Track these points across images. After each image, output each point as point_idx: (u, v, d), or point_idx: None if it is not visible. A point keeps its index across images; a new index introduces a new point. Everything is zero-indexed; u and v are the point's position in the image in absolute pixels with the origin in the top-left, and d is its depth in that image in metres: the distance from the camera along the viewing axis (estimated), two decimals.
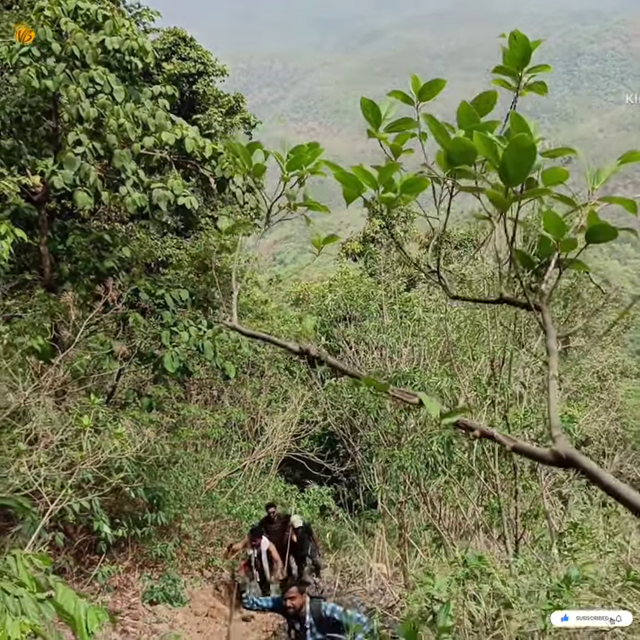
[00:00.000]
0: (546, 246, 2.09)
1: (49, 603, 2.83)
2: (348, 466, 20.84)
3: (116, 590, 11.42)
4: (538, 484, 9.90)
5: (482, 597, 5.54)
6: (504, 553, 9.10)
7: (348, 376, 2.16)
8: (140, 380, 15.39)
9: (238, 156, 2.80)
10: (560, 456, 1.70)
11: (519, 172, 1.85)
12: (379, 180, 2.26)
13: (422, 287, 27.85)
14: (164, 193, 11.54)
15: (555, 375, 1.93)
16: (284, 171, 2.79)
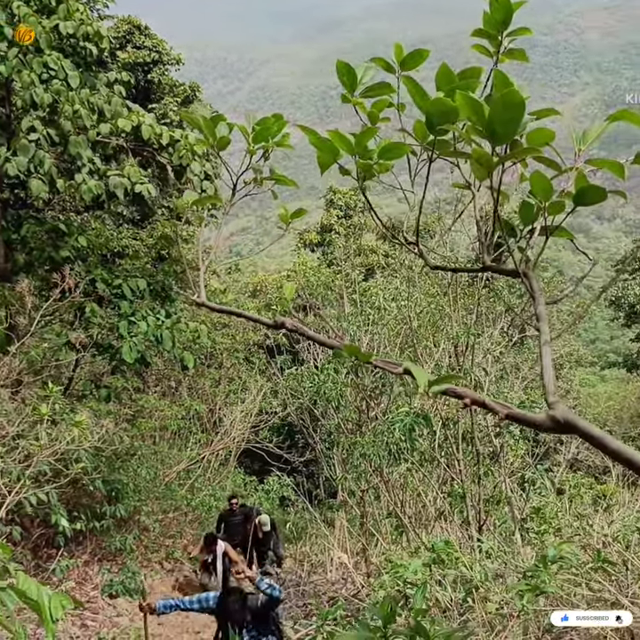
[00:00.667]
0: (528, 212, 2.02)
1: (10, 591, 2.72)
2: (307, 456, 20.83)
3: (74, 584, 11.25)
4: (499, 470, 9.92)
5: (448, 582, 5.51)
6: (467, 539, 9.09)
7: (327, 347, 2.07)
8: (98, 371, 15.21)
9: (201, 129, 2.68)
10: (558, 421, 1.63)
11: (507, 129, 1.77)
12: (356, 145, 2.16)
13: (380, 277, 27.87)
14: (120, 180, 11.36)
15: (547, 341, 1.86)
16: (250, 143, 2.69)
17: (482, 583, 4.91)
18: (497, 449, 10.17)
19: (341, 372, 13.88)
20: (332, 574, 12.73)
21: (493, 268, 2.14)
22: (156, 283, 13.39)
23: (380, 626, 2.41)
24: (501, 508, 10.10)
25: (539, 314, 1.95)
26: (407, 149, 2.21)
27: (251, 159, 2.78)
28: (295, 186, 2.87)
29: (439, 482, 11.19)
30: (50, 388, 7.63)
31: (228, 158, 2.92)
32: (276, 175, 2.82)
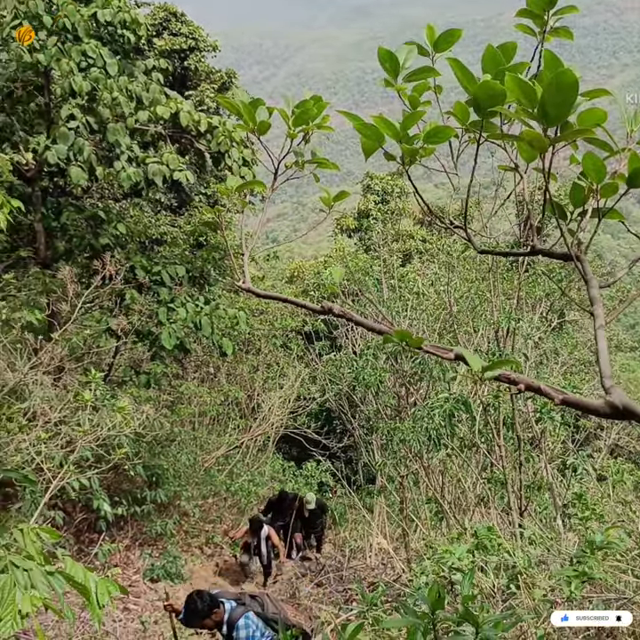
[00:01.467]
0: (579, 195, 1.98)
1: (59, 575, 2.74)
2: (345, 442, 20.81)
3: (117, 568, 11.37)
4: (540, 456, 9.85)
5: (490, 569, 5.49)
6: (508, 525, 9.05)
7: (375, 332, 2.05)
8: (137, 357, 15.31)
9: (240, 114, 2.65)
10: (616, 407, 1.59)
11: (560, 111, 1.73)
12: (401, 130, 2.13)
13: (417, 263, 27.75)
14: (159, 168, 11.39)
15: (602, 325, 1.82)
16: (290, 126, 2.67)
17: (525, 569, 4.89)
18: (537, 435, 10.10)
19: (380, 357, 13.86)
20: (371, 560, 12.73)
21: (544, 252, 2.10)
22: (194, 269, 13.44)
23: (427, 611, 2.40)
24: (542, 495, 10.04)
25: (592, 297, 1.91)
26: (453, 132, 2.18)
27: (291, 143, 2.77)
28: (337, 169, 2.85)
29: (479, 468, 11.14)
30: (92, 374, 7.69)
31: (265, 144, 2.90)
32: (317, 158, 2.80)
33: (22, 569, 2.63)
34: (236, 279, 2.57)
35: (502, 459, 9.45)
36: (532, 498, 9.62)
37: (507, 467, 9.45)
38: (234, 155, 11.90)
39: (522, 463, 9.33)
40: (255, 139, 2.75)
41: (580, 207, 2.04)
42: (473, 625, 2.23)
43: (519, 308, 10.94)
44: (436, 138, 2.18)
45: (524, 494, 9.23)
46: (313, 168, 2.94)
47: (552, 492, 9.19)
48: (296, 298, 12.11)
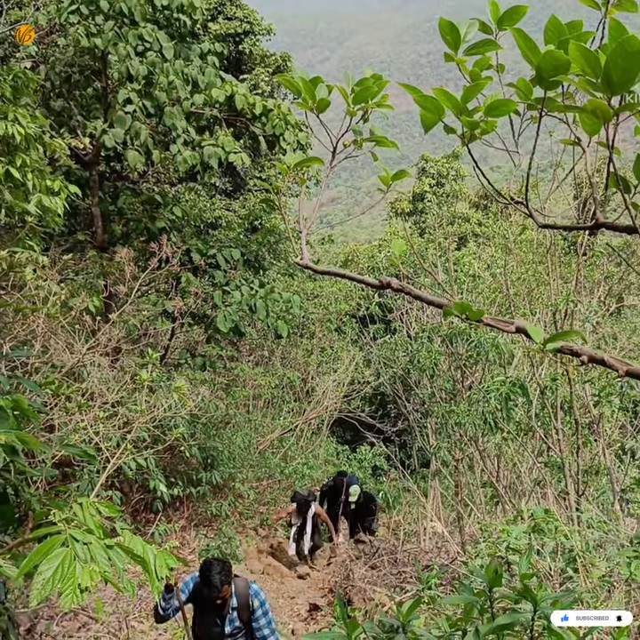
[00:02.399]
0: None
1: (118, 549, 2.77)
2: (400, 426, 20.76)
3: (172, 548, 11.47)
4: (598, 440, 9.73)
5: (546, 552, 5.44)
6: (565, 509, 8.96)
7: (435, 306, 2.02)
8: (193, 340, 15.43)
9: (299, 92, 2.63)
10: None
11: (625, 78, 1.68)
12: (462, 102, 2.09)
13: (473, 246, 27.54)
14: (214, 150, 11.44)
15: None
16: (350, 104, 2.64)
17: (582, 553, 4.84)
18: (595, 419, 9.97)
19: (435, 340, 13.79)
20: (425, 543, 12.70)
21: (607, 225, 2.05)
22: (249, 253, 13.48)
23: (484, 589, 2.38)
24: (600, 479, 9.92)
25: None
26: (515, 106, 2.13)
27: (350, 121, 2.74)
28: (396, 147, 2.82)
29: (535, 452, 11.04)
30: (150, 355, 7.74)
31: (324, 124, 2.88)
32: (376, 137, 2.76)
33: (82, 542, 2.66)
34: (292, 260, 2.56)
35: (559, 442, 9.35)
36: (589, 482, 9.51)
37: (564, 451, 9.35)
38: (288, 138, 11.89)
39: (579, 447, 9.22)
40: (310, 122, 2.73)
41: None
42: (531, 602, 2.21)
43: (577, 291, 10.79)
44: (497, 111, 2.13)
45: (581, 478, 9.12)
46: (371, 147, 2.91)
47: (610, 476, 9.08)
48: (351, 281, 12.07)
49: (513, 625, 2.24)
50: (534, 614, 2.21)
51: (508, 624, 2.25)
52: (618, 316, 23.91)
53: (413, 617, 2.29)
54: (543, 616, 2.20)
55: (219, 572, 5.56)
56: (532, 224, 14.29)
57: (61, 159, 10.24)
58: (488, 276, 15.60)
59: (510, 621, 2.21)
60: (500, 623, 2.20)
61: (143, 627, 8.07)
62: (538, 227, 2.33)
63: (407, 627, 2.27)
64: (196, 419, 11.53)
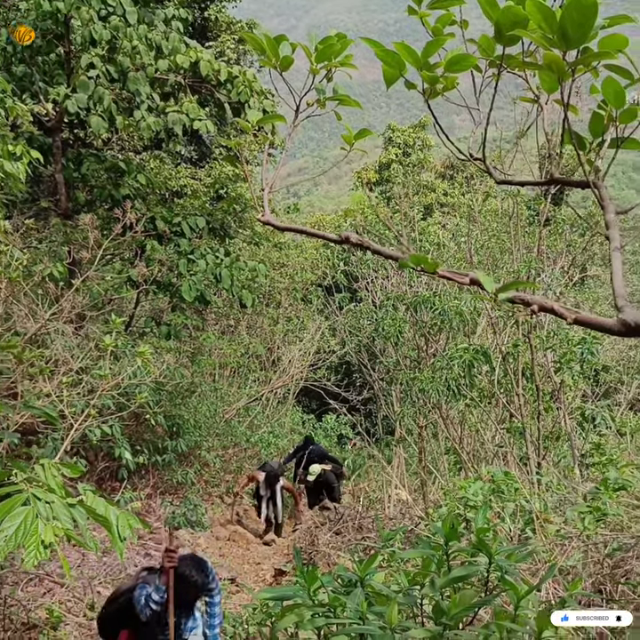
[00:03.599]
0: (598, 124, 1.96)
1: (80, 507, 2.79)
2: (365, 395, 20.89)
3: (138, 516, 11.50)
4: (559, 406, 9.87)
5: (507, 514, 5.53)
6: (526, 474, 9.09)
7: (393, 259, 2.05)
8: (158, 308, 15.38)
9: (263, 49, 2.63)
10: (629, 325, 1.59)
11: (580, 32, 1.71)
12: (422, 56, 2.10)
13: (438, 216, 27.63)
14: (179, 117, 11.35)
15: (617, 247, 1.81)
16: (313, 62, 2.64)
17: (541, 514, 4.92)
18: (556, 386, 10.10)
19: (400, 308, 13.85)
20: (389, 510, 12.82)
21: (562, 180, 2.08)
22: (214, 221, 13.43)
23: (441, 543, 2.43)
24: (560, 445, 10.06)
25: (608, 221, 1.89)
26: (475, 61, 2.15)
27: (313, 79, 2.74)
28: (359, 106, 2.82)
29: (498, 418, 11.17)
30: (113, 320, 7.73)
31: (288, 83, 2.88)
32: (339, 95, 2.77)
33: (44, 501, 2.68)
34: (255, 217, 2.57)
35: (521, 408, 9.47)
36: (550, 448, 9.65)
37: (525, 417, 9.47)
38: (254, 105, 11.82)
39: (540, 413, 9.34)
40: (274, 85, 2.73)
41: (599, 138, 2.02)
42: (486, 555, 2.26)
43: (540, 259, 10.89)
44: (457, 66, 2.15)
45: (542, 444, 9.26)
46: (335, 105, 2.91)
47: (571, 442, 9.22)
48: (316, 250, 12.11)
49: (468, 577, 2.29)
50: (489, 566, 2.26)
51: (463, 576, 2.30)
52: (581, 287, 24.13)
53: (372, 571, 2.34)
54: (498, 568, 2.25)
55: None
56: (495, 191, 14.36)
57: (24, 125, 10.09)
58: (453, 245, 15.68)
59: (466, 573, 2.26)
60: (455, 575, 2.26)
61: (108, 592, 8.09)
62: (495, 182, 2.36)
63: (365, 581, 2.32)
64: (161, 386, 11.51)
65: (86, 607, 7.41)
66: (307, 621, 2.18)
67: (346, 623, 2.16)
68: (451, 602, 2.11)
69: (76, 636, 6.71)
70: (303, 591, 2.24)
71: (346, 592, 2.33)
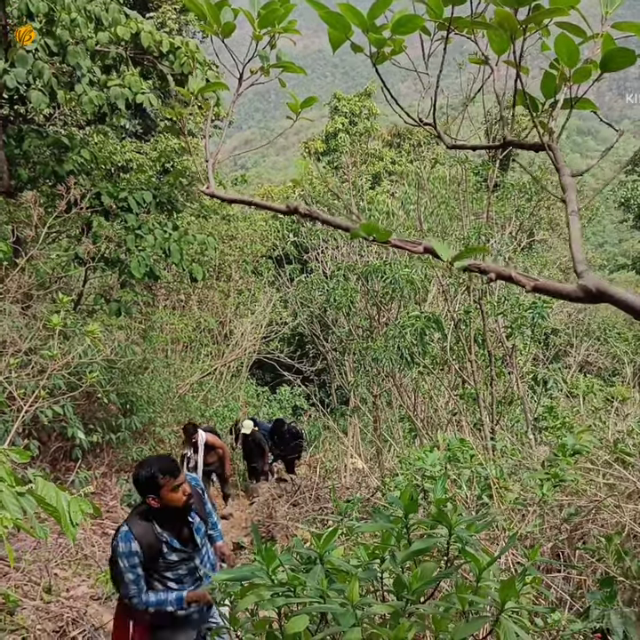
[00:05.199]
0: (551, 84, 1.92)
1: (29, 496, 2.73)
2: (318, 365, 20.95)
3: (94, 495, 11.43)
4: (511, 371, 9.94)
5: (463, 481, 5.56)
6: (481, 440, 9.16)
7: (343, 230, 2.00)
8: (107, 285, 15.19)
9: (204, 15, 2.55)
10: (589, 290, 1.55)
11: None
12: (369, 18, 2.03)
13: (387, 184, 27.64)
14: (121, 91, 11.15)
15: (575, 210, 1.77)
16: (256, 28, 2.57)
17: (497, 480, 4.95)
18: (508, 351, 10.18)
19: (351, 278, 13.84)
20: (346, 479, 12.88)
21: (515, 143, 2.04)
22: (161, 195, 13.26)
23: (400, 516, 2.42)
24: (513, 410, 10.16)
25: (564, 184, 1.85)
26: (422, 22, 2.08)
27: (257, 46, 2.67)
28: (304, 73, 2.76)
29: (451, 385, 11.24)
30: (60, 299, 7.61)
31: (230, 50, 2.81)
32: (283, 62, 2.70)
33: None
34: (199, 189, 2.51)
35: (474, 375, 9.52)
36: (503, 412, 9.73)
37: (478, 382, 9.53)
38: (198, 76, 11.65)
39: (493, 379, 9.41)
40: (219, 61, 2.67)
41: (552, 98, 1.97)
42: (446, 527, 2.25)
43: (489, 225, 10.92)
44: (405, 28, 2.08)
45: (495, 409, 9.33)
46: (279, 73, 2.85)
47: (523, 406, 9.30)
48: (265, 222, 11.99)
49: (429, 549, 2.28)
50: (449, 538, 2.25)
51: (424, 549, 2.29)
52: (529, 251, 24.38)
53: (331, 547, 2.31)
54: (458, 539, 2.24)
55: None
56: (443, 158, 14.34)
57: None
58: (402, 213, 15.67)
59: (426, 546, 2.25)
60: (415, 549, 2.24)
61: (66, 574, 8.02)
62: (446, 147, 2.32)
63: (325, 557, 2.29)
64: (112, 364, 11.40)
65: (43, 590, 7.33)
66: (266, 601, 2.15)
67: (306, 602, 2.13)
68: (412, 575, 2.09)
69: (34, 619, 6.63)
70: (262, 571, 2.21)
71: (305, 570, 2.31)
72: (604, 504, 3.96)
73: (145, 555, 4.52)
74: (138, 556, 4.48)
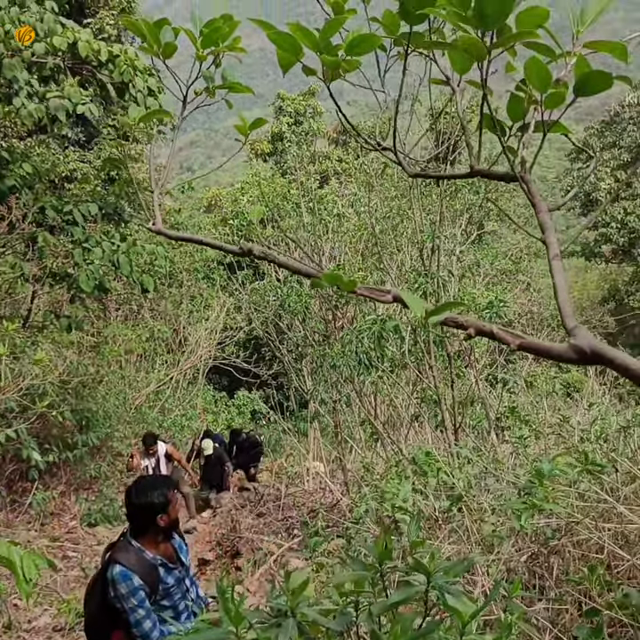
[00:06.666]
0: (518, 107, 1.79)
1: None
2: (275, 368, 20.84)
3: (52, 516, 11.22)
4: (470, 371, 9.90)
5: (429, 492, 5.47)
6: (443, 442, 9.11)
7: (302, 275, 1.87)
8: (56, 300, 14.91)
9: (143, 36, 2.40)
10: (583, 352, 1.39)
11: (500, 9, 1.52)
12: (321, 39, 1.89)
13: (335, 184, 27.57)
14: (61, 102, 10.91)
15: (557, 254, 1.61)
16: (199, 48, 2.43)
17: (466, 492, 4.87)
18: (467, 351, 10.14)
19: (305, 283, 13.71)
20: (309, 484, 12.80)
21: (483, 173, 1.90)
22: (107, 206, 13.02)
23: (374, 563, 2.30)
24: (474, 409, 10.12)
25: (542, 222, 1.70)
26: (380, 41, 1.95)
27: (200, 66, 2.54)
28: (251, 92, 2.64)
29: (411, 387, 11.18)
30: (5, 327, 7.39)
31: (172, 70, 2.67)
32: (229, 83, 2.57)
33: None
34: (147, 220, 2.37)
35: (435, 379, 9.44)
36: (465, 413, 9.68)
37: (439, 385, 9.46)
38: (138, 84, 11.44)
39: (454, 381, 9.35)
40: (161, 66, 2.52)
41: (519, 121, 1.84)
42: (424, 574, 2.14)
43: (442, 223, 10.86)
44: (360, 48, 1.94)
45: (457, 411, 9.27)
46: (225, 94, 2.72)
47: (485, 405, 9.26)
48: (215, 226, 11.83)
49: (407, 600, 2.17)
50: (428, 586, 2.14)
51: (402, 600, 2.18)
52: (479, 243, 24.51)
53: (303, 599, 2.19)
54: (437, 587, 2.13)
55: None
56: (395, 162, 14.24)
57: None
58: (352, 213, 15.59)
59: (405, 597, 2.13)
60: (393, 601, 2.13)
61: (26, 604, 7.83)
62: (409, 176, 2.20)
63: (296, 610, 2.17)
64: (65, 383, 11.19)
65: (2, 627, 7.10)
66: None
67: None
68: (390, 632, 1.98)
69: None
70: (230, 633, 2.09)
71: (277, 624, 2.19)
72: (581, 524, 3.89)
73: (148, 585, 4.31)
74: (143, 589, 4.27)
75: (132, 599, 4.21)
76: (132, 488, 4.48)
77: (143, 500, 4.37)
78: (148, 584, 4.30)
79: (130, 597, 4.21)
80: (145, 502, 4.37)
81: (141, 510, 4.39)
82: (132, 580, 4.22)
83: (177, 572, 4.53)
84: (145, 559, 4.37)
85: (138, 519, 4.45)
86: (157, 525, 4.40)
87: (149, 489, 4.41)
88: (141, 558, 4.36)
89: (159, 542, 4.49)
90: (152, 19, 2.45)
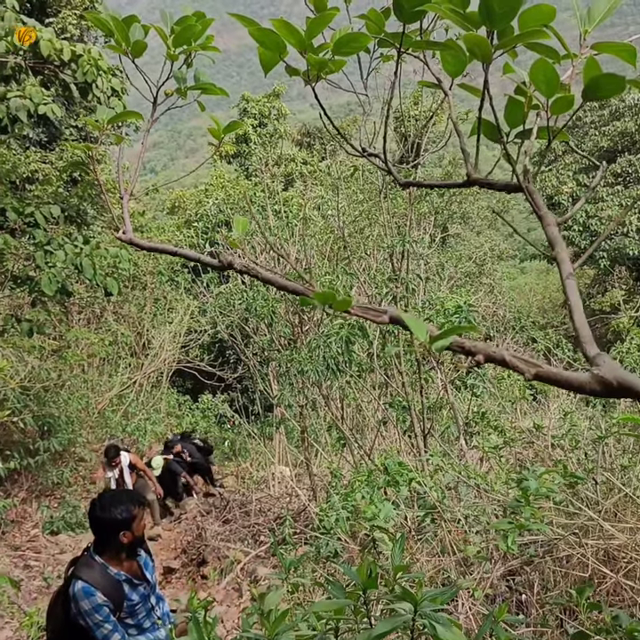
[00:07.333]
0: (517, 111, 1.68)
1: None
2: (240, 372, 20.71)
3: (13, 524, 11.01)
4: (441, 376, 9.83)
5: (401, 501, 5.39)
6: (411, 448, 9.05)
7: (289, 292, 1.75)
8: (17, 304, 14.67)
9: (111, 33, 2.27)
10: (609, 384, 1.23)
11: (509, 6, 1.42)
12: (307, 37, 1.76)
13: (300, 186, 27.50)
14: (22, 102, 10.73)
15: (571, 273, 1.47)
16: (170, 47, 2.31)
17: (439, 503, 4.79)
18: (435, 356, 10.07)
19: (271, 288, 13.56)
20: (275, 489, 12.67)
21: (482, 182, 1.77)
22: (70, 208, 12.82)
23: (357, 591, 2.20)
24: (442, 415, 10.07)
25: (551, 237, 1.55)
26: (368, 40, 1.83)
27: (172, 66, 2.42)
28: (225, 94, 2.52)
29: (380, 392, 11.10)
30: None
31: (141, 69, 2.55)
32: (202, 84, 2.45)
33: None
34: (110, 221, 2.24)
35: (404, 386, 9.36)
36: (434, 418, 9.62)
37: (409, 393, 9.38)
38: (101, 85, 11.27)
39: (423, 387, 9.28)
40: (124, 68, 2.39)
41: (518, 127, 1.72)
42: (411, 603, 2.04)
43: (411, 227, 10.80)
44: (348, 47, 1.82)
45: (426, 416, 9.20)
46: (198, 95, 2.60)
47: (454, 411, 9.20)
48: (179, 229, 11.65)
49: (394, 630, 2.07)
50: (414, 615, 2.04)
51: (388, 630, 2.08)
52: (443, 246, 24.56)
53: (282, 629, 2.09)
54: (425, 616, 2.03)
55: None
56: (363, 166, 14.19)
57: None
58: (319, 216, 15.50)
59: (392, 627, 2.03)
60: (380, 632, 2.02)
61: None
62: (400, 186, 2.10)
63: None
64: (27, 389, 11.00)
65: None
66: None
67: None
68: None
69: None
70: None
71: None
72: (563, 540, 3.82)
73: (112, 602, 4.16)
74: (107, 606, 4.13)
75: (97, 615, 4.09)
76: (97, 502, 4.36)
77: (106, 516, 4.25)
78: (112, 600, 4.18)
79: (94, 613, 4.08)
80: (108, 518, 4.24)
81: (104, 526, 4.27)
82: (94, 597, 4.10)
83: (142, 588, 4.40)
84: (109, 575, 4.25)
85: (101, 535, 4.33)
86: (120, 542, 4.27)
87: (113, 504, 4.28)
88: (105, 574, 4.24)
89: (123, 559, 4.36)
90: (119, 16, 2.33)
